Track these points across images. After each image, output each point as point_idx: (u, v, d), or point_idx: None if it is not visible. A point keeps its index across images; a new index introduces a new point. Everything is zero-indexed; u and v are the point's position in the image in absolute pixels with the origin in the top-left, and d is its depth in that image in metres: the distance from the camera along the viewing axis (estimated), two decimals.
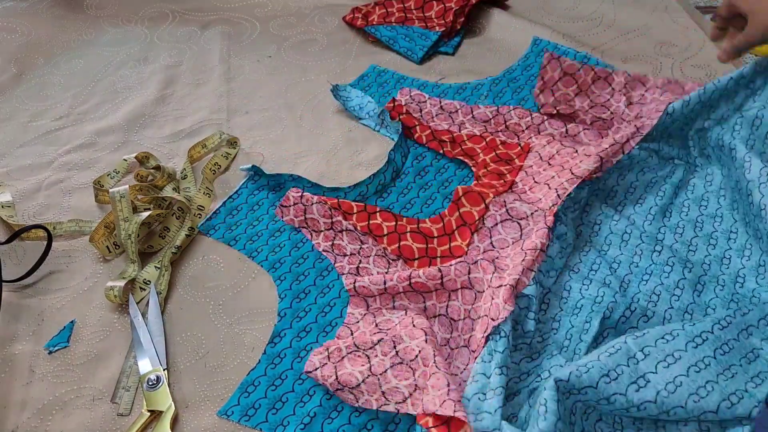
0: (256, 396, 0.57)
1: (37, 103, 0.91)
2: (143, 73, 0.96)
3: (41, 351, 0.61)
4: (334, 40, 1.01)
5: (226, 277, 0.67)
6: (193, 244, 0.71)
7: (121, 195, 0.70)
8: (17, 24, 1.04)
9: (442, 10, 0.99)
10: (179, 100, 0.91)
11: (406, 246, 0.68)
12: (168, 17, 1.07)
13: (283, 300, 0.65)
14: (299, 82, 0.93)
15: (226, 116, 0.88)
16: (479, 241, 0.67)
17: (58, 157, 0.82)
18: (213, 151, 0.81)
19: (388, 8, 1.01)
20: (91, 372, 0.60)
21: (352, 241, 0.69)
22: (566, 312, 0.63)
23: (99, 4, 1.09)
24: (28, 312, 0.65)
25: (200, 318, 0.64)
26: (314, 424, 0.55)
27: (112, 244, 0.69)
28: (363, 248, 0.68)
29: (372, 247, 0.68)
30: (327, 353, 0.57)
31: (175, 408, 0.56)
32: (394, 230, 0.69)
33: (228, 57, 0.98)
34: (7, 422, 0.56)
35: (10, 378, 0.59)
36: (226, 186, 0.77)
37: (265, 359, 0.60)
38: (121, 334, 0.63)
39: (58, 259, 0.70)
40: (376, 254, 0.67)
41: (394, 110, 0.84)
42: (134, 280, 0.66)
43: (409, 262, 0.67)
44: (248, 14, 1.07)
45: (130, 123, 0.87)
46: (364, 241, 0.68)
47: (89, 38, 1.03)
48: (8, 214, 0.74)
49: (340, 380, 0.55)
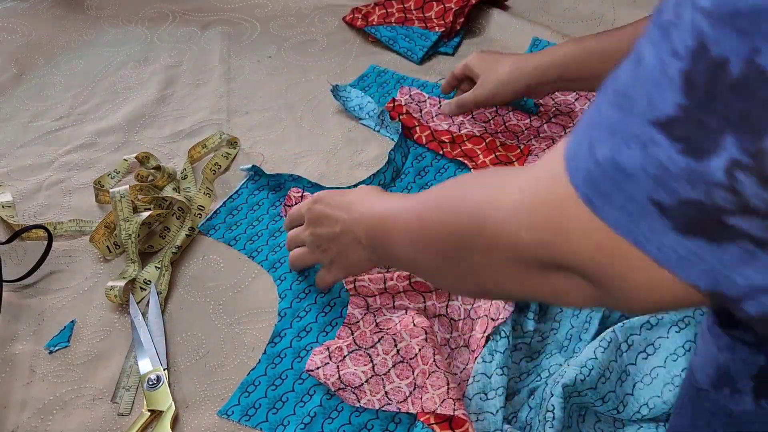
0: (256, 396, 0.57)
1: (37, 104, 0.91)
2: (143, 74, 0.96)
3: (41, 351, 0.61)
4: (334, 41, 1.01)
5: (226, 277, 0.68)
6: (193, 244, 0.71)
7: (121, 195, 0.70)
8: (17, 24, 1.04)
9: (442, 11, 0.99)
10: (179, 100, 0.91)
11: None
12: (168, 17, 1.07)
13: (283, 300, 0.65)
14: (299, 83, 0.93)
15: (226, 116, 0.88)
16: None
17: (59, 158, 0.82)
18: (213, 151, 0.81)
19: (388, 8, 1.02)
20: (92, 372, 0.60)
21: None
22: (566, 312, 0.63)
23: (99, 5, 1.09)
24: (29, 312, 0.65)
25: (200, 318, 0.64)
26: (314, 423, 0.55)
27: (113, 244, 0.69)
28: None
29: None
30: (328, 353, 0.57)
31: (175, 408, 0.56)
32: None
33: (228, 57, 0.98)
34: (7, 422, 0.56)
35: (10, 378, 0.59)
36: (226, 186, 0.77)
37: (265, 359, 0.60)
38: (121, 334, 0.63)
39: (59, 259, 0.70)
40: None
41: (394, 110, 0.84)
42: (134, 280, 0.66)
43: None
44: (248, 14, 1.07)
45: (131, 123, 0.87)
46: None
47: (89, 38, 1.03)
48: (8, 214, 0.74)
49: (342, 380, 0.55)
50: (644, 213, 0.27)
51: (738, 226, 0.25)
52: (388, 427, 0.55)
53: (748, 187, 0.24)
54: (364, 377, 0.56)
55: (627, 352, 0.55)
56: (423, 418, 0.53)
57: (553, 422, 0.50)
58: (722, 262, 0.26)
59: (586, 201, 0.29)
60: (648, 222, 0.27)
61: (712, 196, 0.25)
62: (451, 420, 0.52)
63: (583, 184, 0.30)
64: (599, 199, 0.29)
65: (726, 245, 0.26)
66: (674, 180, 0.25)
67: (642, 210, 0.27)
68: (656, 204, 0.27)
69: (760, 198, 0.24)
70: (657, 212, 0.27)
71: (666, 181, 0.26)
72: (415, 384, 0.55)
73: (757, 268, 0.26)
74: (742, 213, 0.25)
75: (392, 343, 0.58)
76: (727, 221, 0.25)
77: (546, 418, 0.51)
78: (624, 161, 0.27)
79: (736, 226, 0.25)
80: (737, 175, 0.24)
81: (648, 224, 0.27)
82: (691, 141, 0.24)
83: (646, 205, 0.27)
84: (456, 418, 0.52)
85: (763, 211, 0.24)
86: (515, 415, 0.55)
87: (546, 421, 0.50)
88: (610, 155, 0.27)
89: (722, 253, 0.26)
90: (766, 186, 0.23)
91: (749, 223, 0.25)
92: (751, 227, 0.25)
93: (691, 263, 0.27)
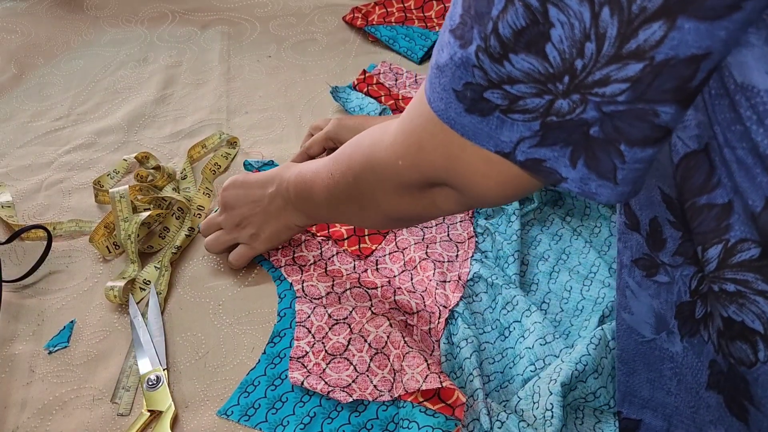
0: (255, 396, 0.57)
1: (37, 104, 0.91)
2: (143, 74, 0.96)
3: (41, 351, 0.61)
4: (334, 40, 1.01)
5: (226, 277, 0.67)
6: (193, 244, 0.71)
7: (121, 195, 0.70)
8: (17, 24, 1.04)
9: (442, 10, 0.99)
10: (179, 100, 0.91)
11: (336, 230, 0.70)
12: (168, 17, 1.07)
13: (283, 300, 0.65)
14: (299, 82, 0.93)
15: (226, 116, 0.88)
16: (386, 243, 0.70)
17: (58, 158, 0.82)
18: (213, 151, 0.81)
19: (388, 8, 1.02)
20: (91, 372, 0.60)
21: None
22: (567, 313, 0.63)
23: (98, 5, 1.09)
24: (28, 312, 0.65)
25: (200, 318, 0.64)
26: (314, 423, 0.55)
27: (112, 245, 0.69)
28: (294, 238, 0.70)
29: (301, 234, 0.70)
30: (305, 368, 0.58)
31: (175, 408, 0.56)
32: None
33: (228, 57, 0.98)
34: (7, 422, 0.56)
35: (10, 378, 0.59)
36: None
37: (265, 359, 0.60)
38: (121, 334, 0.63)
39: (58, 259, 0.70)
40: (306, 238, 0.70)
41: (364, 82, 0.86)
42: (134, 280, 0.66)
43: (339, 243, 0.69)
44: (248, 14, 1.07)
45: (130, 123, 0.87)
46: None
47: (89, 39, 1.03)
48: (8, 214, 0.74)
49: (330, 384, 0.56)
50: (450, 100, 0.37)
51: (490, 99, 0.35)
52: (387, 427, 0.55)
53: (486, 65, 0.34)
54: (350, 379, 0.57)
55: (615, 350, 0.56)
56: (411, 398, 0.54)
57: (552, 420, 0.50)
58: (492, 129, 0.36)
59: (428, 102, 0.39)
60: (453, 107, 0.37)
61: (474, 76, 0.35)
62: (439, 393, 0.53)
63: (427, 89, 0.39)
64: (432, 95, 0.38)
65: (488, 117, 0.36)
66: (458, 68, 0.35)
67: (449, 97, 0.37)
68: (454, 91, 0.36)
69: (492, 71, 0.34)
70: (455, 98, 0.37)
71: (455, 70, 0.36)
72: (394, 370, 0.57)
73: (508, 128, 0.35)
74: (489, 86, 0.35)
75: (362, 340, 0.59)
76: (485, 96, 0.35)
77: (545, 416, 0.51)
78: (439, 60, 0.37)
79: (490, 99, 0.35)
80: (480, 56, 0.34)
81: (453, 109, 0.37)
82: (462, 37, 0.35)
83: (450, 92, 0.37)
84: (443, 389, 0.53)
85: (497, 81, 0.34)
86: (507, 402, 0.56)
87: (545, 420, 0.50)
88: (434, 60, 0.38)
89: (488, 122, 0.36)
90: (492, 61, 0.34)
91: (494, 95, 0.35)
92: (495, 98, 0.35)
93: (479, 134, 0.37)
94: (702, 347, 0.43)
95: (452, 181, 0.42)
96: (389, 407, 0.55)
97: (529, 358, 0.58)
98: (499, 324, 0.61)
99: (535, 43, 0.32)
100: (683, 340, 0.45)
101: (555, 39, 0.31)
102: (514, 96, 0.34)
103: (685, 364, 0.45)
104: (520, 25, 0.32)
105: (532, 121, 0.35)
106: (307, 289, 0.64)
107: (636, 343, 0.49)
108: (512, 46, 0.33)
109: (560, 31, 0.31)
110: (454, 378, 0.57)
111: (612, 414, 0.55)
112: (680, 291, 0.43)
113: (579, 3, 0.30)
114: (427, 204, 0.47)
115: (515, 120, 0.35)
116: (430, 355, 0.57)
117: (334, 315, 0.61)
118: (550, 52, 0.32)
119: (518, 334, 0.60)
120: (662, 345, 0.47)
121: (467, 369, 0.56)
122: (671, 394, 0.48)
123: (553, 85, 0.33)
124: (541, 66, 0.32)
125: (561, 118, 0.34)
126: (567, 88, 0.33)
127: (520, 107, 0.34)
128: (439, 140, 0.39)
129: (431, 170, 0.42)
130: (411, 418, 0.53)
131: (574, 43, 0.31)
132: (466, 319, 0.61)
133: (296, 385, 0.57)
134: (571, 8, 0.30)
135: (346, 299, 0.63)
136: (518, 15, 0.32)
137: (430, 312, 0.62)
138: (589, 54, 0.31)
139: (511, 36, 0.32)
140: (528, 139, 0.35)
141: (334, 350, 0.59)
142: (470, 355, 0.57)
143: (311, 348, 0.59)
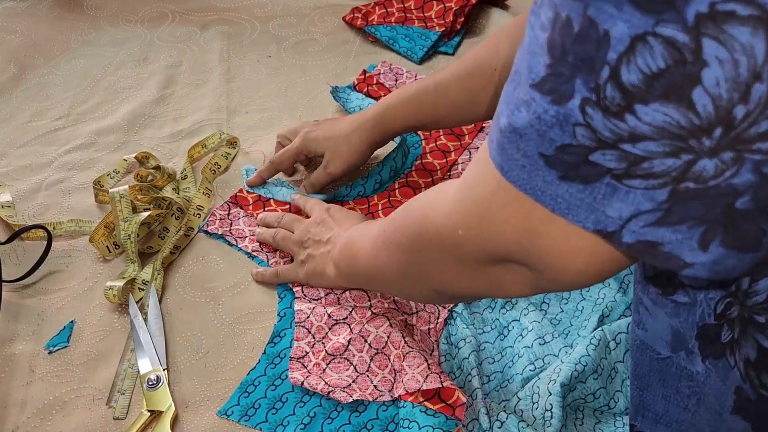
0: (255, 396, 0.57)
1: (37, 103, 0.91)
2: (143, 73, 0.96)
3: (41, 351, 0.61)
4: (334, 40, 1.01)
5: (226, 277, 0.67)
6: (193, 244, 0.71)
7: (120, 195, 0.70)
8: (17, 24, 1.04)
9: (442, 10, 0.99)
10: (179, 100, 0.91)
11: None
12: (168, 17, 1.07)
13: (283, 300, 0.65)
14: (299, 82, 0.93)
15: (226, 116, 0.87)
16: None
17: (58, 157, 0.82)
18: (213, 151, 0.81)
19: (388, 8, 1.01)
20: (91, 372, 0.60)
21: None
22: (567, 313, 0.63)
23: (99, 5, 1.09)
24: (28, 312, 0.65)
25: (200, 318, 0.64)
26: (314, 423, 0.55)
27: (112, 244, 0.69)
28: None
29: None
30: (305, 368, 0.58)
31: (175, 408, 0.56)
32: (367, 211, 0.74)
33: (228, 57, 0.98)
34: (7, 422, 0.56)
35: (10, 378, 0.59)
36: (226, 186, 0.77)
37: (265, 359, 0.60)
38: (121, 334, 0.63)
39: (58, 259, 0.70)
40: None
41: (364, 82, 0.87)
42: (134, 280, 0.66)
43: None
44: (248, 14, 1.07)
45: (130, 123, 0.87)
46: None
47: (89, 38, 1.03)
48: (8, 214, 0.74)
49: (330, 384, 0.56)
50: (536, 167, 0.31)
51: (599, 162, 0.29)
52: (388, 428, 0.55)
53: (597, 120, 0.28)
54: (350, 379, 0.57)
55: (615, 350, 0.56)
56: (411, 398, 0.54)
57: (552, 421, 0.50)
58: (596, 200, 0.30)
59: (499, 169, 0.33)
60: (540, 175, 0.31)
61: (576, 136, 0.29)
62: (439, 393, 0.53)
63: (496, 155, 0.33)
64: (506, 162, 0.32)
65: (594, 184, 0.29)
66: (550, 128, 0.29)
67: (534, 164, 0.31)
68: (542, 156, 0.30)
69: (606, 128, 0.28)
70: (544, 164, 0.30)
71: (545, 131, 0.30)
72: (395, 370, 0.56)
73: (620, 198, 0.29)
74: (599, 147, 0.28)
75: (362, 340, 0.59)
76: (591, 159, 0.29)
77: (545, 417, 0.51)
78: (516, 122, 0.31)
79: (599, 163, 0.29)
80: (588, 111, 0.28)
81: (540, 177, 0.31)
82: (556, 92, 0.29)
83: (536, 159, 0.31)
84: (444, 389, 0.53)
85: (611, 141, 0.28)
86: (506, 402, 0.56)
87: (545, 420, 0.51)
88: (507, 122, 0.31)
89: (593, 191, 0.30)
90: (607, 115, 0.27)
91: (605, 157, 0.28)
92: (607, 160, 0.28)
93: (576, 207, 0.30)
94: (727, 372, 0.39)
95: (527, 259, 0.35)
96: (389, 407, 0.55)
97: (528, 357, 0.58)
98: (498, 323, 0.61)
99: (677, 89, 0.26)
100: (705, 362, 0.41)
101: (708, 82, 0.25)
102: (637, 157, 0.28)
103: (708, 385, 0.41)
104: (655, 67, 0.26)
105: (657, 189, 0.28)
106: (306, 289, 0.64)
107: (651, 359, 0.45)
108: (642, 95, 0.26)
109: (717, 71, 0.25)
110: (453, 378, 0.57)
111: (612, 414, 0.55)
112: (704, 313, 0.39)
113: (752, 34, 0.24)
114: (492, 284, 0.40)
115: (632, 188, 0.28)
116: (430, 355, 0.57)
117: (333, 315, 0.61)
118: (699, 99, 0.26)
119: (517, 332, 0.60)
120: (680, 363, 0.43)
121: (466, 369, 0.57)
122: (688, 411, 0.44)
123: (697, 140, 0.26)
124: (683, 117, 0.26)
125: (701, 184, 0.27)
126: (717, 144, 0.26)
127: (642, 171, 0.28)
128: (512, 212, 0.34)
129: (500, 245, 0.36)
130: (411, 418, 0.53)
131: (736, 85, 0.25)
132: (465, 319, 0.61)
133: (296, 386, 0.57)
134: (737, 40, 0.24)
135: (345, 299, 0.63)
136: (654, 55, 0.26)
137: (429, 312, 0.62)
138: (756, 98, 0.25)
139: (640, 83, 0.26)
140: (645, 214, 0.29)
141: (334, 350, 0.59)
142: (469, 354, 0.57)
143: (311, 348, 0.59)
